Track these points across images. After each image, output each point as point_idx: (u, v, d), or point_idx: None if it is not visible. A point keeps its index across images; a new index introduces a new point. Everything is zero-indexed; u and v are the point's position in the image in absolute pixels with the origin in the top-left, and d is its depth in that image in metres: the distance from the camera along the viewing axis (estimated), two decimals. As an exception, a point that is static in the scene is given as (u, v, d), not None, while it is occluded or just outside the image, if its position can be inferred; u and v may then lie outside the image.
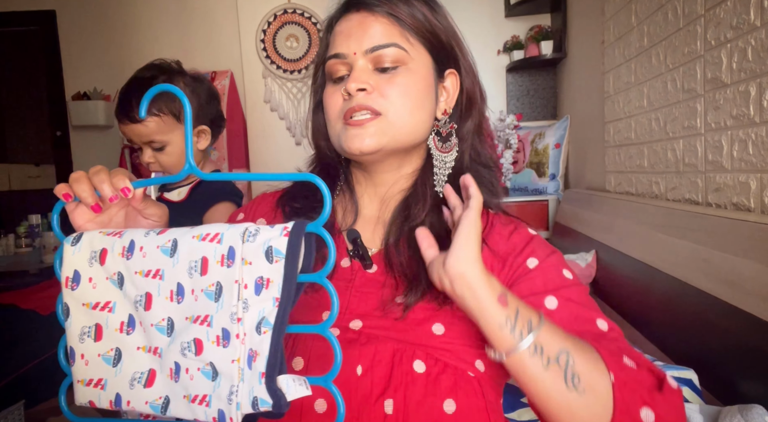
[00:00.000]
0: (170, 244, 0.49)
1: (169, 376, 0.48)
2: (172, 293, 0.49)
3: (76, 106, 3.03)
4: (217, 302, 0.47)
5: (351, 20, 0.65)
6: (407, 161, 0.70)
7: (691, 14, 1.35)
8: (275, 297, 0.45)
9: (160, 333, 0.49)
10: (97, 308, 0.51)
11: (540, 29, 2.76)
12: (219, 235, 0.48)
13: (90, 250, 0.52)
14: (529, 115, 2.90)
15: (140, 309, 0.49)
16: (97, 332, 0.51)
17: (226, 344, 0.46)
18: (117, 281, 0.51)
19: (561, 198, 2.44)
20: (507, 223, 0.69)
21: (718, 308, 0.99)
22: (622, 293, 1.52)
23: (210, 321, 0.47)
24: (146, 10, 3.13)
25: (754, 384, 0.89)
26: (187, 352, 0.47)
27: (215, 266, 0.47)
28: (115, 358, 0.50)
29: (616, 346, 0.58)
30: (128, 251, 0.50)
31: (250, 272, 0.46)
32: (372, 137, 0.63)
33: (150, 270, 0.49)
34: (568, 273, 0.64)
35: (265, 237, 0.46)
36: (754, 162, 1.10)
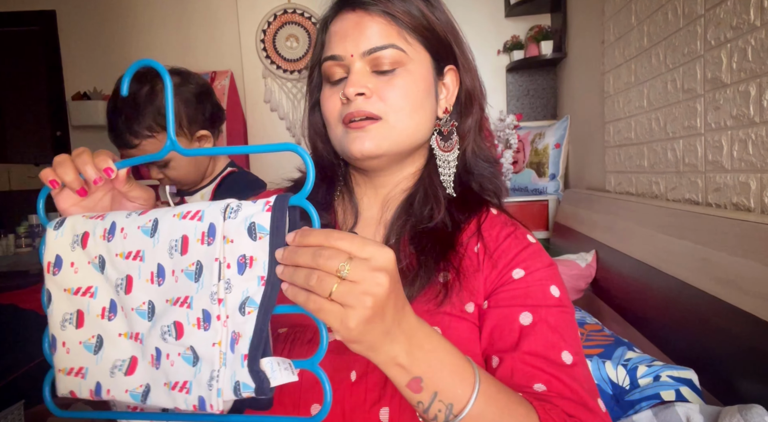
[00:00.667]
0: (151, 224, 0.46)
1: (151, 363, 0.46)
2: (152, 275, 0.46)
3: (76, 106, 3.03)
4: (197, 282, 0.44)
5: (346, 20, 0.63)
6: (409, 162, 0.69)
7: (691, 14, 1.35)
8: (260, 275, 0.42)
9: (141, 318, 0.46)
10: (78, 293, 0.49)
11: (540, 29, 2.76)
12: (200, 213, 0.45)
13: (72, 234, 0.50)
14: (529, 115, 2.90)
15: (121, 293, 0.47)
16: (78, 318, 0.48)
17: (207, 326, 0.43)
18: (98, 265, 0.48)
19: (561, 198, 2.44)
20: (507, 225, 0.67)
21: (718, 308, 0.98)
22: (622, 293, 1.52)
23: (190, 302, 0.44)
24: (146, 10, 3.13)
25: (754, 384, 0.89)
26: (168, 337, 0.44)
27: (195, 244, 0.44)
28: (96, 346, 0.48)
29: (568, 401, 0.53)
30: (109, 233, 0.48)
31: (232, 250, 0.43)
32: (373, 141, 0.62)
33: (131, 251, 0.47)
34: (556, 290, 0.61)
35: (247, 213, 0.43)
36: (754, 162, 1.10)
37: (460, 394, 0.46)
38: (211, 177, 1.33)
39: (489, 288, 0.62)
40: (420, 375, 0.45)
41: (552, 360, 0.56)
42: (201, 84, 1.23)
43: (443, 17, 0.66)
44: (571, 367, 0.56)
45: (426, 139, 0.68)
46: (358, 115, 0.61)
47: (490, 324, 0.60)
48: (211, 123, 1.25)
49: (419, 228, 0.64)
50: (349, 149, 0.63)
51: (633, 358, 1.09)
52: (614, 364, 1.09)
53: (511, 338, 0.57)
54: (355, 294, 0.40)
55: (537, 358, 0.56)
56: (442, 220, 0.64)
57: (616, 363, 1.09)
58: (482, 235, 0.64)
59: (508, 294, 0.60)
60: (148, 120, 1.12)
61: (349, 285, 0.40)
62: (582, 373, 0.57)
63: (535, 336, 0.57)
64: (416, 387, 0.45)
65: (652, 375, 1.03)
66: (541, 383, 0.55)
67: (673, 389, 0.98)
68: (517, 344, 0.56)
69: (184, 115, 1.17)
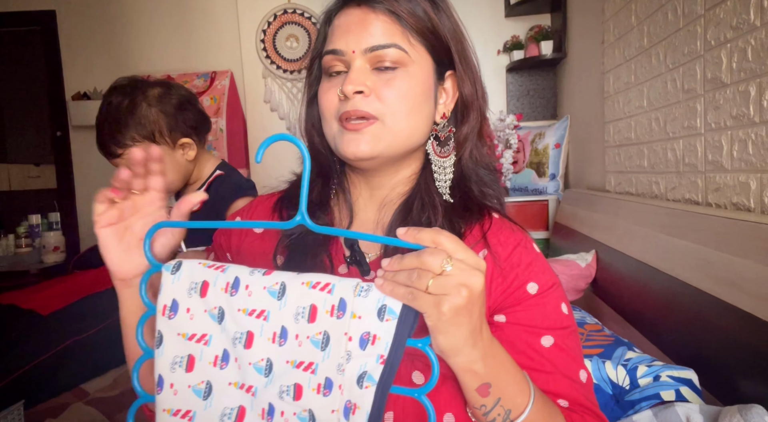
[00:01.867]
0: (278, 287, 0.49)
1: (261, 416, 0.48)
2: (275, 335, 0.48)
3: (76, 106, 3.03)
4: (324, 351, 0.47)
5: (351, 15, 0.63)
6: (405, 165, 0.68)
7: (691, 14, 1.35)
8: (380, 354, 0.46)
9: (258, 373, 0.48)
10: (192, 340, 0.50)
11: (540, 29, 2.76)
12: (330, 286, 0.48)
13: (190, 281, 0.51)
14: (529, 115, 2.90)
15: (239, 346, 0.49)
16: (189, 363, 0.50)
17: (327, 393, 0.46)
18: (217, 315, 0.50)
19: (561, 198, 2.44)
20: (513, 231, 0.67)
21: (718, 308, 0.98)
22: (622, 293, 1.52)
23: (315, 368, 0.47)
24: (146, 10, 3.13)
25: (754, 384, 0.89)
26: (285, 396, 0.47)
27: (324, 315, 0.47)
28: (205, 391, 0.49)
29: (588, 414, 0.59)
30: (232, 287, 0.50)
31: (358, 326, 0.47)
32: (368, 143, 0.61)
33: (254, 309, 0.49)
34: (566, 308, 0.64)
35: (380, 295, 0.47)
36: (754, 162, 1.10)
37: (519, 402, 0.52)
38: (199, 182, 1.34)
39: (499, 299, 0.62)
40: (490, 382, 0.50)
41: (573, 379, 0.60)
42: (183, 94, 1.28)
43: (448, 22, 0.65)
44: (586, 385, 0.62)
45: (422, 143, 0.67)
46: (354, 115, 0.61)
47: (511, 340, 0.61)
48: (195, 131, 1.29)
49: None
50: (343, 151, 0.62)
51: (633, 358, 1.09)
52: (614, 364, 1.09)
53: (537, 357, 0.60)
54: (451, 285, 0.45)
55: (560, 377, 0.60)
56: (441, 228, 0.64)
57: (616, 363, 1.09)
58: (488, 242, 0.64)
59: (526, 313, 0.62)
60: (131, 131, 1.19)
61: (446, 277, 0.45)
62: (591, 389, 0.63)
63: (557, 359, 0.60)
64: (484, 392, 0.51)
65: (652, 375, 1.03)
66: (565, 399, 0.60)
67: (673, 389, 0.98)
68: (543, 363, 0.60)
69: (164, 124, 1.23)
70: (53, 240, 2.75)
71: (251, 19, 3.04)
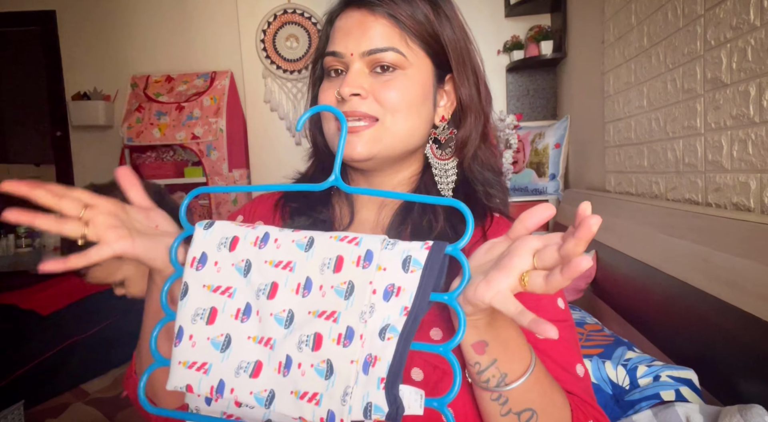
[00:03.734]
0: (306, 240, 0.49)
1: (277, 370, 0.47)
2: (299, 286, 0.48)
3: (76, 106, 3.03)
4: (347, 300, 0.46)
5: (351, 17, 0.64)
6: (405, 166, 0.69)
7: (691, 14, 1.35)
8: (404, 306, 0.45)
9: (278, 324, 0.48)
10: (217, 292, 0.50)
11: (540, 29, 2.76)
12: (357, 239, 0.48)
13: (221, 236, 0.52)
14: (529, 115, 2.90)
15: (262, 298, 0.49)
16: (211, 315, 0.50)
17: (347, 343, 0.45)
18: (243, 268, 0.50)
19: (561, 198, 2.44)
20: None
21: (718, 308, 0.99)
22: (622, 293, 1.52)
23: (337, 317, 0.46)
24: (146, 10, 3.13)
25: (754, 384, 0.89)
26: (304, 346, 0.46)
27: (350, 265, 0.47)
28: (224, 344, 0.49)
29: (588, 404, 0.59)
30: (262, 241, 0.50)
31: (382, 278, 0.46)
32: (365, 145, 0.62)
33: (281, 261, 0.49)
34: (562, 303, 0.64)
35: (405, 247, 0.47)
36: (754, 162, 1.10)
37: (516, 368, 0.51)
38: None
39: None
40: (487, 340, 0.49)
41: (570, 372, 0.60)
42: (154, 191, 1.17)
43: (449, 26, 0.65)
44: (584, 380, 0.61)
45: (419, 145, 0.67)
46: (351, 116, 0.61)
47: None
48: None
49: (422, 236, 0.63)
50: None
51: (633, 358, 1.09)
52: (614, 364, 1.09)
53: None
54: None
55: (557, 368, 0.59)
56: (443, 230, 0.64)
57: (616, 363, 1.09)
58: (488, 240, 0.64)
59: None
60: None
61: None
62: (589, 384, 0.62)
63: (552, 351, 0.60)
64: (480, 349, 0.50)
65: (652, 375, 1.03)
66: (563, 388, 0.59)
67: (673, 389, 0.98)
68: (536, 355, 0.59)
69: None
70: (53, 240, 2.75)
71: (251, 19, 3.04)
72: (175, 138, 2.84)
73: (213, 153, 2.86)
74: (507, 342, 0.51)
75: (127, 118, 2.90)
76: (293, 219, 0.69)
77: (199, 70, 3.06)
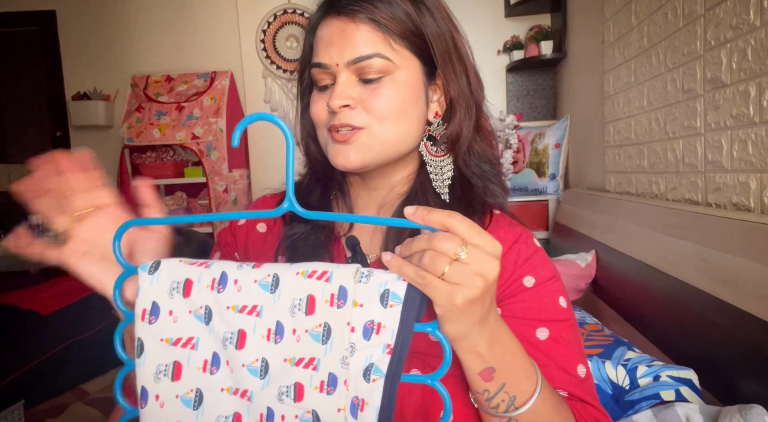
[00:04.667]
0: (270, 279, 0.45)
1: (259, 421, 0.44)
2: (270, 332, 0.44)
3: (76, 106, 3.03)
4: (325, 345, 0.43)
5: (332, 26, 0.62)
6: (401, 166, 0.68)
7: (691, 14, 1.35)
8: (386, 343, 0.43)
9: (252, 375, 0.44)
10: (178, 344, 0.46)
11: (540, 29, 2.76)
12: (327, 273, 0.44)
13: (171, 280, 0.47)
14: (529, 115, 2.90)
15: (230, 347, 0.45)
16: (175, 370, 0.46)
17: (331, 391, 0.42)
18: (203, 316, 0.46)
19: (561, 198, 2.44)
20: (513, 226, 0.67)
21: (718, 308, 0.98)
22: (622, 293, 1.52)
23: (316, 364, 0.43)
24: (146, 10, 3.13)
25: (754, 384, 0.89)
26: (285, 398, 0.43)
27: (323, 305, 0.43)
28: (195, 400, 0.45)
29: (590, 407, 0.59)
30: (219, 283, 0.46)
31: (360, 315, 0.43)
32: (357, 154, 0.61)
33: (246, 305, 0.45)
34: (564, 302, 0.63)
35: (381, 280, 0.44)
36: (754, 162, 1.10)
37: (524, 389, 0.50)
38: None
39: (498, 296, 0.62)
40: (494, 366, 0.49)
41: (570, 373, 0.59)
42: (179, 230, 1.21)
43: (431, 20, 0.63)
44: (585, 380, 0.60)
45: (415, 145, 0.67)
46: (342, 128, 0.61)
47: None
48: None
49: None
50: (332, 161, 0.63)
51: (633, 358, 1.09)
52: (614, 364, 1.09)
53: (531, 350, 0.59)
54: (467, 274, 0.43)
55: (554, 369, 0.59)
56: None
57: (615, 363, 1.09)
58: None
59: (521, 305, 0.61)
60: None
61: (462, 265, 0.42)
62: (592, 385, 0.62)
63: (553, 352, 0.59)
64: (488, 377, 0.49)
65: (651, 375, 1.03)
66: (564, 390, 0.59)
67: (673, 389, 0.98)
68: (537, 356, 0.59)
69: None
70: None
71: (251, 19, 3.04)
72: (175, 138, 2.84)
73: (213, 153, 2.86)
74: (512, 365, 0.50)
75: (127, 118, 2.90)
76: (293, 224, 0.68)
77: (199, 70, 3.06)
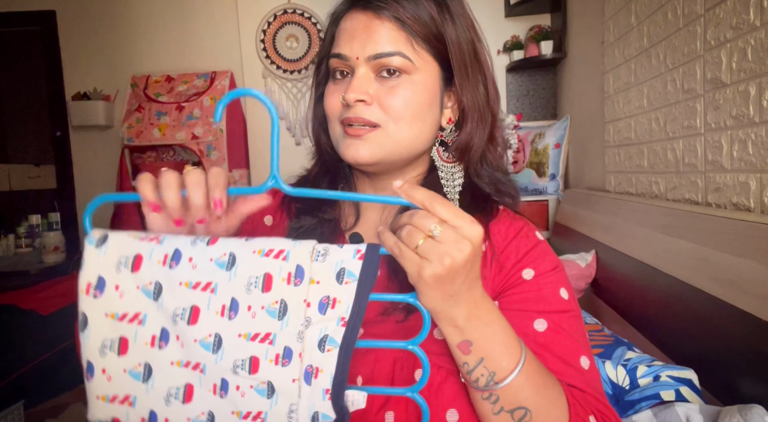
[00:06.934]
0: (227, 258, 0.45)
1: (212, 391, 0.45)
2: (224, 308, 0.45)
3: (76, 106, 3.03)
4: (282, 320, 0.44)
5: (356, 20, 0.62)
6: (411, 168, 0.68)
7: (690, 14, 1.35)
8: (341, 316, 0.45)
9: (204, 350, 0.45)
10: (124, 320, 0.46)
11: (540, 29, 2.76)
12: (284, 252, 0.46)
13: (118, 255, 0.46)
14: (529, 115, 2.90)
15: (181, 323, 0.45)
16: (121, 345, 0.46)
17: (286, 363, 0.44)
18: (152, 291, 0.46)
19: (561, 198, 2.44)
20: (515, 219, 0.66)
21: (718, 308, 0.98)
22: (622, 293, 1.52)
23: (272, 339, 0.44)
24: (146, 10, 3.13)
25: (754, 384, 0.89)
26: (240, 370, 0.44)
27: (280, 283, 0.45)
28: (144, 374, 0.46)
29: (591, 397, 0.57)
30: (172, 260, 0.46)
31: (316, 291, 0.45)
32: (368, 149, 0.61)
33: (199, 282, 0.45)
34: (566, 293, 0.62)
35: (337, 258, 0.46)
36: (754, 162, 1.10)
37: (504, 366, 0.51)
38: None
39: (496, 290, 0.62)
40: (471, 340, 0.50)
41: (571, 364, 0.58)
42: None
43: (452, 27, 0.64)
44: (588, 372, 0.59)
45: (426, 148, 0.66)
46: (356, 122, 0.61)
47: None
48: None
49: None
50: (343, 155, 0.63)
51: (633, 358, 1.09)
52: (614, 364, 1.09)
53: (527, 342, 0.58)
54: (436, 251, 0.45)
55: (552, 360, 0.58)
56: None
57: (616, 363, 1.09)
58: (489, 232, 0.64)
59: (519, 297, 0.60)
60: None
61: (433, 242, 0.45)
62: (596, 377, 0.60)
63: (552, 344, 0.58)
64: (465, 349, 0.50)
65: (651, 375, 1.03)
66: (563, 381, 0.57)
67: (672, 389, 0.98)
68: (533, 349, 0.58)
69: None
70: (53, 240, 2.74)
71: (251, 19, 3.04)
72: (175, 138, 2.84)
73: (213, 153, 2.86)
74: (491, 341, 0.50)
75: (127, 118, 2.90)
76: (299, 218, 0.68)
77: (199, 70, 3.06)
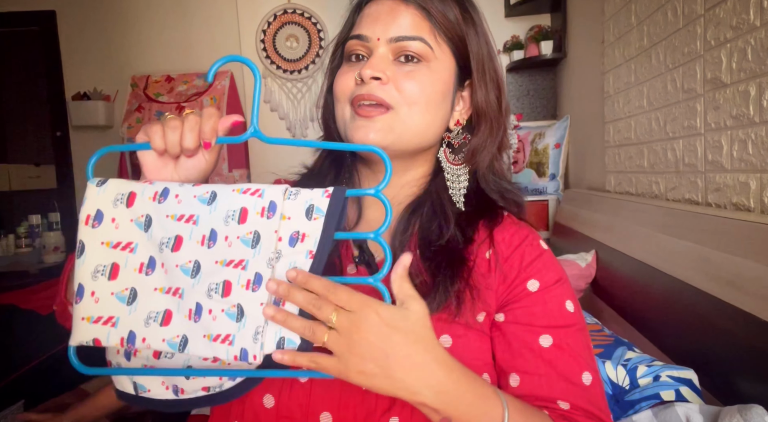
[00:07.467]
0: (208, 195, 0.50)
1: (187, 317, 0.48)
2: (204, 237, 0.49)
3: (76, 106, 3.03)
4: (254, 248, 0.48)
5: (382, 5, 0.63)
6: (415, 165, 0.67)
7: (690, 14, 1.35)
8: (309, 250, 0.48)
9: (184, 274, 0.49)
10: (117, 248, 0.51)
11: (540, 29, 2.76)
12: (260, 191, 0.50)
13: (116, 192, 0.52)
14: (529, 115, 2.90)
15: (166, 251, 0.50)
16: (112, 271, 0.50)
17: (256, 288, 0.47)
18: (144, 223, 0.51)
19: (561, 198, 2.44)
20: (519, 227, 0.66)
21: (718, 308, 0.98)
22: (622, 293, 1.52)
23: (245, 265, 0.48)
24: (146, 11, 3.13)
25: (754, 384, 0.89)
26: (214, 294, 0.48)
27: (255, 216, 0.49)
28: (129, 297, 0.50)
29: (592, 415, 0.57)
30: (161, 196, 0.51)
31: (287, 226, 0.49)
32: (378, 132, 0.60)
33: (183, 214, 0.50)
34: (571, 305, 0.61)
35: (307, 197, 0.50)
36: (754, 162, 1.10)
37: None
38: None
39: (501, 300, 0.62)
40: (450, 415, 0.49)
41: (574, 382, 0.58)
42: None
43: (474, 32, 0.64)
44: (591, 388, 0.58)
45: (432, 144, 0.66)
46: (368, 99, 0.60)
47: (508, 339, 0.60)
48: None
49: (432, 247, 0.62)
50: (351, 136, 0.61)
51: (633, 358, 1.09)
52: (614, 364, 1.09)
53: (533, 358, 0.58)
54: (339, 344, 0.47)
55: (555, 380, 0.57)
56: (453, 236, 0.63)
57: (615, 363, 1.09)
58: (493, 239, 0.63)
59: (525, 311, 0.60)
60: None
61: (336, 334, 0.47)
62: (599, 392, 0.59)
63: (556, 360, 0.58)
64: None
65: (651, 375, 1.03)
66: (566, 401, 0.57)
67: (672, 389, 0.98)
68: (538, 365, 0.58)
69: None
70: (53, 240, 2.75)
71: (251, 19, 3.04)
72: (175, 138, 2.83)
73: (213, 153, 2.86)
74: (468, 413, 0.49)
75: (127, 118, 2.90)
76: None
77: (199, 70, 3.06)
